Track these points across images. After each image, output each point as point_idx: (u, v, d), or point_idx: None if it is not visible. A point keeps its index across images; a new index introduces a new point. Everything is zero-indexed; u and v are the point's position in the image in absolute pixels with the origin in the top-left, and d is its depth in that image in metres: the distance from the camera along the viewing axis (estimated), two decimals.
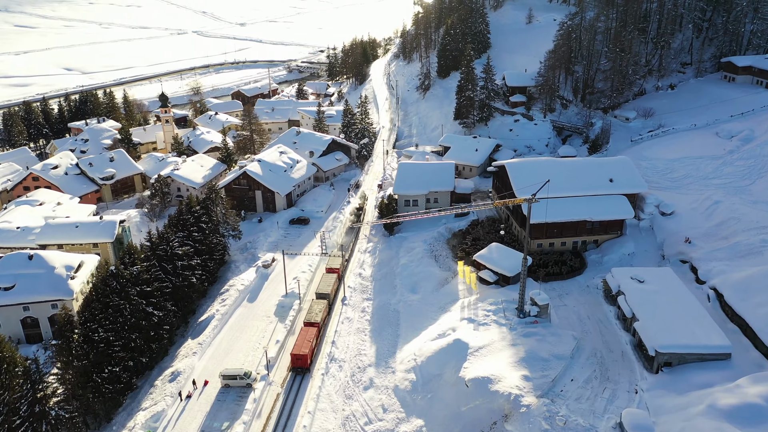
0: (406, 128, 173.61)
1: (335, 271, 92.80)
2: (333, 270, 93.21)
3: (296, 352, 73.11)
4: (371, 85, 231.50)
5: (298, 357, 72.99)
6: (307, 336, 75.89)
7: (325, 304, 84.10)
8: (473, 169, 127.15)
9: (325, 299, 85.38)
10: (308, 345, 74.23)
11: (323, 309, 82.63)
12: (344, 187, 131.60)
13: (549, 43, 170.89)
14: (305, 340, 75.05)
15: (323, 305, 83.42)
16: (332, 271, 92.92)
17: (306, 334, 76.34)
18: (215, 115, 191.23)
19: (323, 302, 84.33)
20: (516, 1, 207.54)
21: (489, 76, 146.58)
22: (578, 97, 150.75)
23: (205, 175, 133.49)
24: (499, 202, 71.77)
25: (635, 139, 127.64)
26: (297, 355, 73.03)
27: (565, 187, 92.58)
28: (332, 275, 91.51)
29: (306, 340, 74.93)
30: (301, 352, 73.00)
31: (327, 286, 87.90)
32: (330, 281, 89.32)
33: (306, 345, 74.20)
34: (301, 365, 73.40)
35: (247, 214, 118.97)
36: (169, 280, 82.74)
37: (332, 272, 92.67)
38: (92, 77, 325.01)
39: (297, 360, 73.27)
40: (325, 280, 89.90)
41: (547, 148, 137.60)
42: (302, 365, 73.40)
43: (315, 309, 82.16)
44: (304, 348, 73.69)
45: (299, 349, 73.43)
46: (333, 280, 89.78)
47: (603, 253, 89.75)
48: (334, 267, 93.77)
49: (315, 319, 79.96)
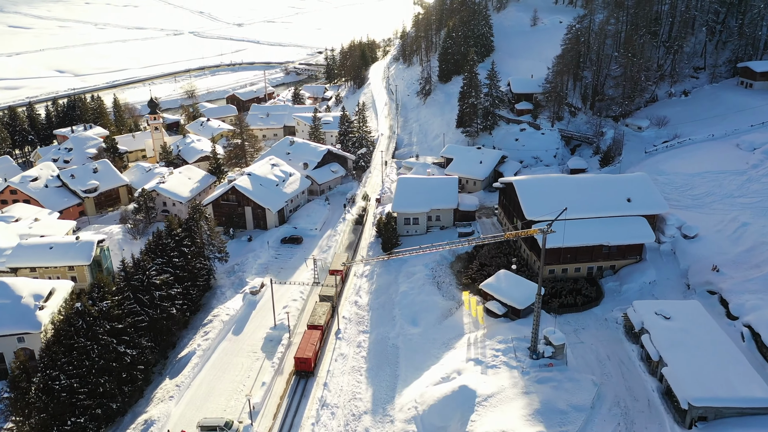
0: (406, 136, 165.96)
1: (338, 273, 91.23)
2: (336, 272, 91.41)
3: (300, 356, 72.00)
4: (370, 89, 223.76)
5: (302, 360, 71.85)
6: (310, 339, 74.77)
7: (329, 307, 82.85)
8: (477, 183, 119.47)
9: (328, 302, 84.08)
10: (312, 348, 73.04)
11: (327, 311, 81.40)
12: (340, 201, 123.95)
13: (555, 46, 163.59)
14: (309, 343, 73.91)
15: (326, 308, 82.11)
16: (336, 273, 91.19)
17: (309, 338, 75.14)
18: (207, 121, 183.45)
19: (326, 305, 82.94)
20: (520, 2, 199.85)
21: (493, 83, 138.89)
22: (587, 105, 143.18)
23: (193, 188, 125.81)
24: (511, 234, 64.26)
25: (649, 151, 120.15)
26: (301, 358, 71.90)
27: (579, 208, 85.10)
28: (336, 277, 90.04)
29: (310, 344, 73.76)
30: (305, 356, 71.77)
31: (330, 289, 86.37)
32: (333, 284, 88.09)
33: (310, 348, 73.00)
34: (304, 369, 72.10)
35: (236, 232, 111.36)
36: (146, 312, 75.17)
37: (336, 273, 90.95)
38: (84, 80, 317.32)
39: (301, 363, 72.04)
40: (329, 282, 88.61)
41: (555, 159, 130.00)
42: (306, 369, 72.09)
43: (318, 311, 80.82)
44: (308, 351, 72.37)
45: (303, 353, 72.22)
46: (336, 282, 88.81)
47: (621, 281, 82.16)
48: (337, 269, 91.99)
49: (318, 321, 78.64)
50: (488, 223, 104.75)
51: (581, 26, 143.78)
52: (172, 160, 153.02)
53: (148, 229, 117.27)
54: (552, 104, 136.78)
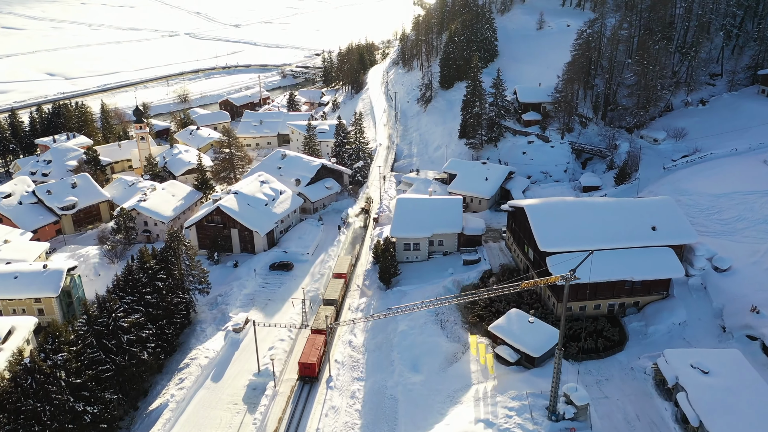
0: (406, 146, 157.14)
1: (342, 276, 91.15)
2: (340, 275, 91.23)
3: (304, 361, 71.87)
4: (368, 94, 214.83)
5: (306, 366, 71.66)
6: (315, 344, 74.34)
7: (333, 311, 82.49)
8: (483, 202, 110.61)
9: (332, 305, 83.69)
10: (316, 353, 72.77)
11: (331, 315, 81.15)
12: (334, 220, 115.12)
13: (563, 51, 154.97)
14: (313, 348, 73.63)
15: (331, 312, 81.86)
16: (339, 276, 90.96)
17: (314, 343, 74.70)
18: (197, 130, 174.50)
19: (331, 308, 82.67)
20: (525, 4, 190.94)
21: (499, 91, 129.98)
22: (599, 115, 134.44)
23: (177, 206, 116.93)
24: (528, 283, 55.65)
25: (668, 167, 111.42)
26: (305, 363, 71.73)
27: (599, 237, 76.37)
28: (339, 280, 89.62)
29: (314, 349, 73.39)
30: (309, 361, 71.60)
31: (334, 292, 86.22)
32: (337, 287, 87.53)
33: (314, 353, 72.78)
34: (309, 374, 71.88)
35: (221, 257, 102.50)
36: (111, 360, 66.46)
37: (339, 277, 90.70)
38: (75, 83, 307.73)
39: (305, 369, 71.83)
40: (332, 286, 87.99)
41: (566, 175, 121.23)
42: (310, 374, 71.90)
43: (322, 315, 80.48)
44: (312, 356, 72.17)
45: (307, 358, 72.09)
46: (340, 286, 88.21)
47: (647, 322, 73.34)
48: (341, 272, 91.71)
49: (323, 326, 77.92)
50: (495, 248, 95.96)
51: (592, 31, 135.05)
52: (158, 173, 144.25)
53: (127, 251, 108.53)
54: (562, 115, 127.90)
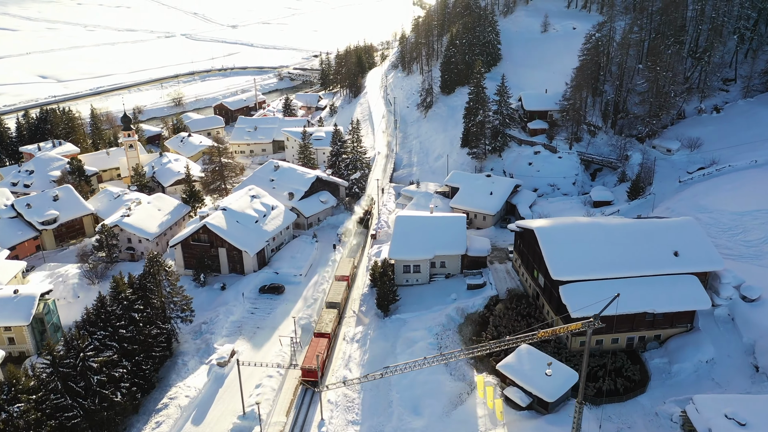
0: (405, 155, 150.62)
1: (345, 279, 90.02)
2: (343, 278, 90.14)
3: (307, 366, 70.61)
4: (366, 98, 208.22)
5: (309, 371, 70.26)
6: (318, 348, 73.07)
7: (336, 314, 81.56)
8: (488, 218, 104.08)
9: (335, 309, 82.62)
10: (319, 358, 71.18)
11: (334, 318, 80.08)
12: (330, 236, 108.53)
13: (569, 56, 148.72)
14: (316, 352, 72.16)
15: (334, 315, 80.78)
16: (342, 279, 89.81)
17: (317, 347, 73.46)
18: (188, 137, 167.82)
19: (334, 311, 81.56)
20: (529, 6, 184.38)
21: (503, 99, 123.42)
22: (608, 123, 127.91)
23: (163, 221, 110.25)
24: (546, 332, 49.13)
25: (684, 180, 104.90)
26: (308, 369, 70.38)
27: (616, 264, 70.04)
28: (342, 283, 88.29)
29: (317, 353, 71.84)
30: (311, 366, 70.16)
31: (337, 295, 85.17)
32: (340, 290, 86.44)
33: (317, 358, 71.10)
34: (311, 378, 70.04)
35: (208, 278, 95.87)
36: (79, 405, 59.94)
37: (342, 280, 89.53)
38: (67, 86, 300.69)
39: (308, 374, 70.40)
40: (335, 288, 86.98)
41: (575, 187, 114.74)
42: (312, 378, 69.88)
43: (325, 319, 79.49)
44: (314, 361, 70.55)
45: (309, 363, 70.84)
46: (343, 289, 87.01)
47: (671, 358, 66.82)
48: (344, 275, 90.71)
49: (325, 329, 77.23)
50: (502, 270, 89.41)
51: (601, 35, 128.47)
52: (146, 184, 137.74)
53: (109, 270, 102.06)
54: (570, 124, 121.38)
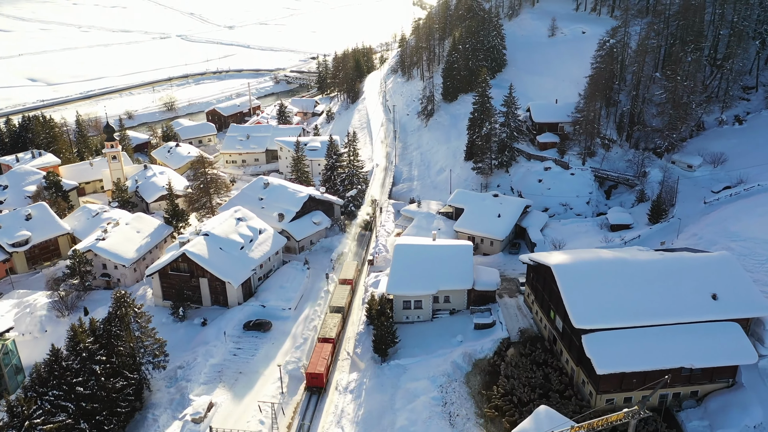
0: (405, 167, 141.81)
1: (349, 283, 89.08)
2: (347, 281, 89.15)
3: (311, 371, 70.08)
4: (364, 105, 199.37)
5: (314, 376, 69.76)
6: (322, 353, 72.59)
7: (340, 318, 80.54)
8: (495, 244, 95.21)
9: (339, 313, 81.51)
10: (324, 363, 71.02)
11: (338, 323, 79.17)
12: (323, 261, 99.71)
13: (578, 62, 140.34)
14: (320, 357, 71.83)
15: (338, 319, 79.86)
16: (346, 282, 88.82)
17: (321, 352, 72.91)
18: (176, 147, 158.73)
19: (338, 316, 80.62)
20: (535, 9, 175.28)
21: (511, 110, 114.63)
22: (623, 136, 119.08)
23: (141, 245, 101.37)
24: (582, 427, 40.39)
25: (709, 201, 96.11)
26: (312, 374, 69.88)
27: (646, 309, 61.31)
28: (346, 287, 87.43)
29: (321, 358, 71.64)
30: (316, 371, 69.79)
31: (341, 299, 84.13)
32: (344, 294, 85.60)
33: (321, 363, 70.99)
34: (316, 384, 69.98)
35: (188, 311, 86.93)
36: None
37: (346, 283, 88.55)
38: (56, 89, 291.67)
39: (312, 379, 69.93)
40: (339, 292, 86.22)
41: (589, 207, 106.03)
42: (318, 384, 70.00)
43: (329, 323, 78.78)
44: (319, 366, 70.40)
45: (314, 368, 70.30)
46: (347, 293, 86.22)
47: (712, 421, 57.89)
48: (348, 278, 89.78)
49: (330, 334, 76.32)
50: (512, 306, 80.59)
51: (615, 41, 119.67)
52: (128, 199, 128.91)
53: (81, 300, 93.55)
54: (583, 137, 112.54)
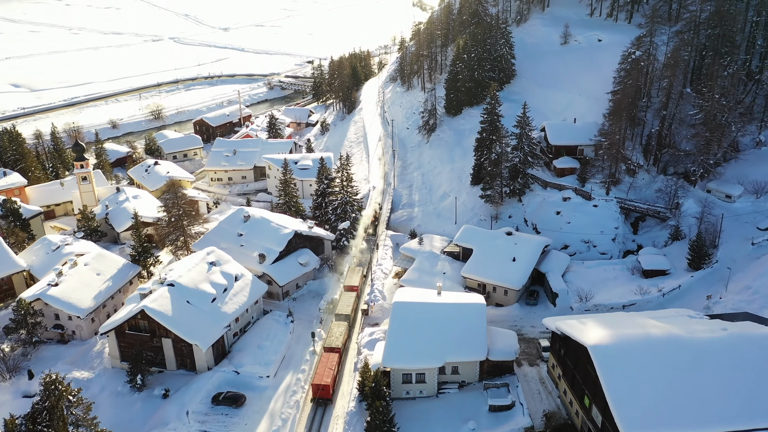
0: (405, 190, 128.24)
1: (354, 289, 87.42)
2: (352, 288, 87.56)
3: (318, 382, 68.14)
4: (361, 116, 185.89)
5: (320, 387, 67.91)
6: (328, 363, 70.64)
7: (346, 327, 78.47)
8: (510, 293, 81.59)
9: (345, 321, 79.23)
10: (330, 374, 69.13)
11: (344, 332, 77.03)
12: (310, 308, 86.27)
13: (595, 73, 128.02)
14: (326, 368, 69.93)
15: (344, 327, 77.75)
16: (351, 289, 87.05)
17: (327, 362, 70.92)
18: (155, 165, 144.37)
19: (344, 324, 78.54)
20: (545, 14, 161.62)
21: (524, 132, 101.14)
22: (650, 160, 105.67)
23: (101, 290, 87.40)
24: None
25: (757, 242, 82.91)
26: (319, 385, 67.97)
27: (712, 407, 48.05)
28: (351, 293, 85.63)
29: (327, 368, 69.79)
30: (323, 382, 67.95)
31: (347, 307, 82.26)
32: (350, 301, 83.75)
33: (328, 374, 69.11)
34: (323, 396, 68.10)
35: (148, 377, 73.35)
36: None
37: (351, 290, 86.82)
38: (39, 96, 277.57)
39: (319, 390, 68.04)
40: (344, 300, 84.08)
41: (615, 244, 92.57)
42: (324, 396, 68.13)
43: (335, 332, 76.83)
44: (326, 377, 68.54)
45: (321, 379, 68.40)
46: (353, 299, 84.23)
47: None
48: (353, 284, 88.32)
49: (336, 343, 74.55)
50: (534, 377, 67.30)
51: (641, 53, 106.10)
52: (96, 228, 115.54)
53: (28, 359, 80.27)
54: (608, 164, 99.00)
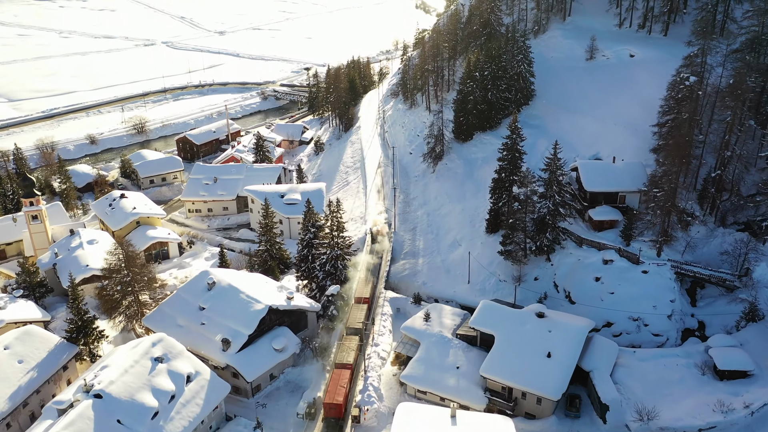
0: (407, 234, 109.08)
1: (366, 301, 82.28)
2: (363, 299, 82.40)
3: (329, 401, 64.69)
4: (359, 136, 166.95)
5: (332, 406, 64.46)
6: (340, 381, 67.11)
7: (357, 341, 73.75)
8: (545, 403, 62.24)
9: (356, 335, 74.60)
10: (342, 392, 65.64)
11: (355, 347, 72.79)
12: (286, 409, 67.15)
13: (628, 96, 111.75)
14: (338, 385, 66.34)
15: (355, 342, 73.50)
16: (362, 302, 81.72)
17: (339, 379, 67.34)
18: (121, 198, 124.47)
19: (355, 339, 74.00)
20: (566, 24, 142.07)
21: (554, 176, 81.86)
22: (705, 208, 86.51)
23: (21, 386, 68.06)
24: None
25: None
26: (331, 404, 64.55)
27: None
28: (363, 306, 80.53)
29: (339, 386, 66.14)
30: (335, 401, 64.55)
31: (358, 321, 76.92)
32: (361, 314, 78.48)
33: (340, 392, 65.63)
34: (335, 415, 64.42)
35: None
36: None
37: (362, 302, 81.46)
38: (18, 107, 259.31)
39: (330, 409, 64.57)
40: (355, 313, 78.85)
41: (671, 323, 73.32)
42: (336, 415, 64.43)
43: (346, 347, 72.74)
44: (338, 396, 65.09)
45: (332, 397, 64.96)
46: (364, 313, 79.12)
47: None
48: (364, 296, 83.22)
49: (347, 359, 70.69)
50: None
51: (696, 78, 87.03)
52: (41, 283, 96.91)
53: None
54: (659, 218, 79.60)
